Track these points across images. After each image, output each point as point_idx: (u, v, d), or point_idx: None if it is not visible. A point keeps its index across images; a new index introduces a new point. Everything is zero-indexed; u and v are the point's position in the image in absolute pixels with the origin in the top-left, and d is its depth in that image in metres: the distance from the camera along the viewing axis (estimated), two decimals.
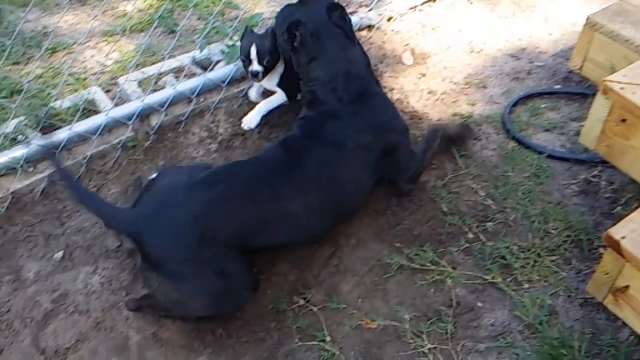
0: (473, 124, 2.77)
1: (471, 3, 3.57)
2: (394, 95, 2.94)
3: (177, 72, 2.94)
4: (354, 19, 3.21)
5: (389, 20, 3.32)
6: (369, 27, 3.27)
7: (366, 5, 3.49)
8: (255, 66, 2.53)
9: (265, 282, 2.19)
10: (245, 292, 2.04)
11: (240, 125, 2.68)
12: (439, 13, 3.45)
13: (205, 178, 2.07)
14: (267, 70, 2.57)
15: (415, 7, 3.41)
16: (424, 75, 3.09)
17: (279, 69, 2.65)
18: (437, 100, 2.94)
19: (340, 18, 2.43)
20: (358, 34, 3.20)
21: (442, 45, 3.26)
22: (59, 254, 2.28)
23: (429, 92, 2.98)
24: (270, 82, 2.67)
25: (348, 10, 3.42)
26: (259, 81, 2.61)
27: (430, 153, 2.51)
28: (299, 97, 2.59)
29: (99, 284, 2.19)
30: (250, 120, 2.64)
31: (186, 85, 2.76)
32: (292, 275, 2.22)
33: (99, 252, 2.29)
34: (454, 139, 2.64)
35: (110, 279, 2.20)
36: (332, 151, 2.16)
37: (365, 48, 3.10)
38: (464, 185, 2.51)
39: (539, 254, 2.22)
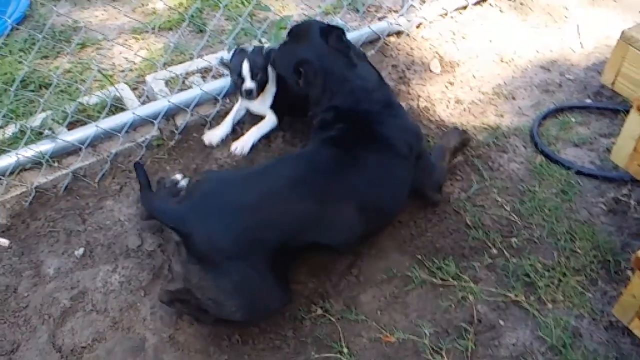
0: (501, 136, 2.72)
1: (502, 12, 3.51)
2: (421, 103, 2.91)
3: (204, 72, 2.94)
4: (383, 24, 3.18)
5: (418, 26, 3.29)
6: (398, 33, 3.24)
7: (395, 11, 3.45)
8: (249, 83, 2.49)
9: None
10: (277, 302, 2.02)
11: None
12: (469, 21, 3.41)
13: (256, 172, 2.13)
14: (260, 88, 2.53)
15: (445, 14, 3.37)
16: (451, 83, 3.05)
17: (271, 89, 2.63)
18: (464, 109, 2.90)
19: (337, 41, 2.43)
20: (387, 40, 3.18)
21: (471, 54, 3.22)
22: (80, 251, 2.28)
23: (456, 101, 2.94)
24: (263, 104, 2.65)
25: (377, 15, 3.43)
26: (253, 99, 2.57)
27: (445, 163, 2.49)
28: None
29: (118, 283, 2.19)
30: (243, 146, 2.61)
31: (213, 85, 2.76)
32: (311, 283, 2.20)
33: (119, 250, 2.29)
34: (459, 147, 2.62)
35: (129, 278, 2.20)
36: (382, 153, 2.15)
37: (393, 54, 3.09)
38: (489, 198, 2.47)
39: (564, 274, 2.18)
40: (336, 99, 2.29)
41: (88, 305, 2.12)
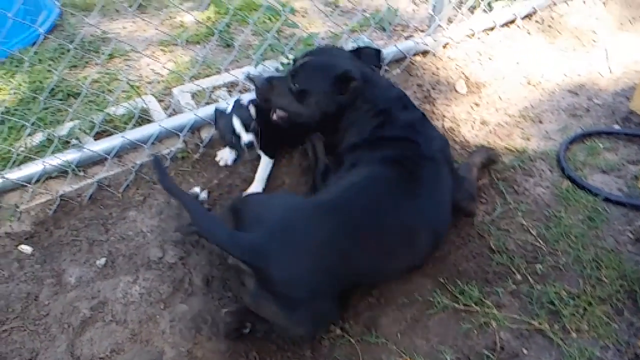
0: (527, 159, 2.69)
1: (530, 34, 3.49)
2: (446, 124, 2.89)
3: (231, 86, 2.95)
4: (409, 43, 3.18)
5: (444, 46, 3.28)
6: (424, 53, 3.23)
7: (422, 30, 3.44)
8: (246, 137, 2.41)
9: None
10: (334, 318, 2.03)
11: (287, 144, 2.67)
12: (497, 42, 3.39)
13: (329, 202, 1.97)
14: (258, 136, 2.46)
15: (472, 34, 3.35)
16: (477, 104, 3.03)
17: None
18: (489, 131, 2.87)
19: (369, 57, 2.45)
20: (413, 59, 3.17)
21: (497, 75, 3.20)
22: (102, 261, 2.28)
23: (481, 123, 2.92)
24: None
25: (404, 34, 3.42)
26: (256, 149, 2.49)
27: (473, 176, 2.49)
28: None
29: (138, 294, 2.18)
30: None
31: None
32: None
33: (140, 262, 2.29)
34: (486, 163, 2.62)
35: (150, 290, 2.20)
36: (433, 167, 2.14)
37: (419, 73, 3.09)
38: (514, 222, 2.43)
39: (589, 302, 2.13)
40: (380, 114, 2.25)
41: (108, 316, 2.12)
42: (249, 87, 2.89)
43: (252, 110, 2.48)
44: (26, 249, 2.32)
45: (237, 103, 2.50)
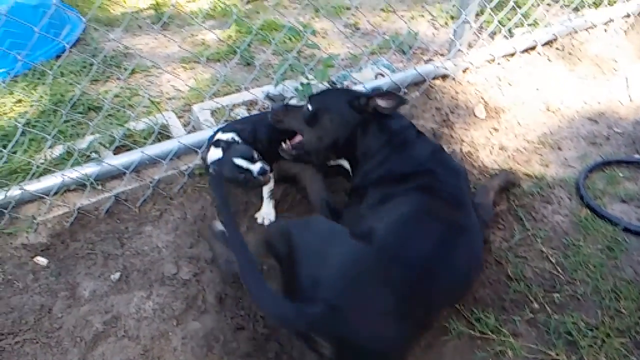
0: (545, 186, 2.67)
1: (550, 61, 3.49)
2: (464, 148, 2.88)
3: (250, 105, 2.97)
4: (429, 67, 3.18)
5: (464, 71, 3.28)
6: (444, 77, 3.23)
7: (442, 54, 3.45)
8: (256, 166, 2.22)
9: None
10: None
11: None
12: (517, 68, 3.39)
13: (387, 249, 1.80)
14: (266, 160, 2.31)
15: (492, 60, 3.36)
16: (496, 129, 3.02)
17: None
18: (508, 156, 2.86)
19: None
20: (432, 82, 3.18)
21: (517, 101, 3.19)
22: (116, 275, 2.28)
23: (500, 148, 2.91)
24: None
25: (424, 58, 3.43)
26: (270, 176, 2.30)
27: (489, 200, 2.48)
28: None
29: (151, 310, 2.18)
30: (268, 215, 2.49)
31: None
32: None
33: (154, 277, 2.28)
34: (504, 187, 2.61)
35: (163, 306, 2.19)
36: (467, 198, 2.12)
37: (438, 97, 3.09)
38: (532, 249, 2.40)
39: (607, 334, 2.09)
40: (399, 145, 2.22)
41: (120, 331, 2.11)
42: (269, 105, 2.90)
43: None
44: (42, 260, 2.32)
45: (229, 143, 2.33)
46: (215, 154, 2.28)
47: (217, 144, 2.30)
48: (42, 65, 3.42)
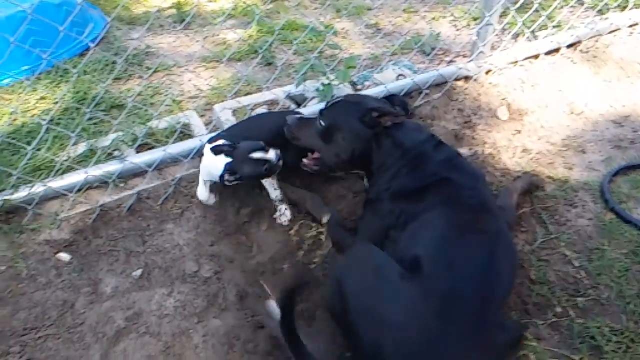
0: (569, 189, 2.64)
1: (574, 63, 3.45)
2: (486, 150, 2.85)
3: (271, 104, 2.97)
4: (451, 68, 3.16)
5: (487, 72, 3.25)
6: (466, 78, 3.21)
7: (464, 56, 3.43)
8: (273, 152, 2.28)
9: (337, 328, 2.12)
10: None
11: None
12: (540, 70, 3.35)
13: (442, 287, 1.74)
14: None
15: (516, 62, 3.33)
16: (519, 132, 2.99)
17: None
18: (531, 159, 2.83)
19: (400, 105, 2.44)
20: (454, 84, 3.16)
21: (540, 104, 3.16)
22: (138, 272, 2.29)
23: (522, 150, 2.88)
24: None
25: (445, 59, 3.42)
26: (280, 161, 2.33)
27: (512, 202, 2.47)
28: None
29: (172, 307, 2.18)
30: (285, 215, 2.47)
31: None
32: None
33: (176, 274, 2.29)
34: (527, 188, 2.58)
35: (184, 303, 2.19)
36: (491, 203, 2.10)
37: (460, 98, 3.07)
38: (555, 253, 2.37)
39: (632, 339, 2.05)
40: (411, 143, 2.21)
41: (142, 328, 2.11)
42: (289, 105, 2.90)
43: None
44: (64, 256, 2.34)
45: (226, 147, 2.31)
46: (219, 161, 2.27)
47: (217, 150, 2.30)
48: (65, 63, 3.46)
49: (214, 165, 2.29)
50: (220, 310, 2.17)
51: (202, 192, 2.47)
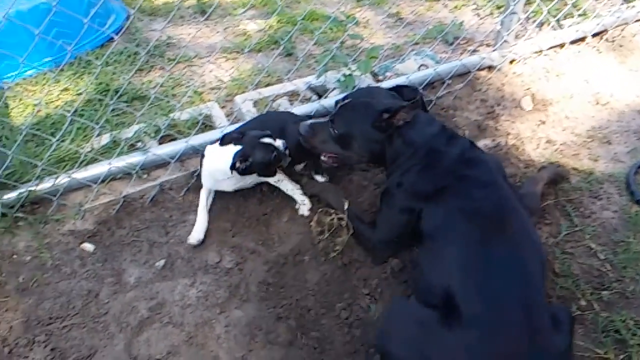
0: (594, 181, 2.60)
1: (600, 52, 3.39)
2: (509, 141, 2.82)
3: (292, 95, 2.96)
4: (474, 58, 3.12)
5: (511, 62, 3.21)
6: (490, 68, 3.17)
7: (488, 45, 3.39)
8: (280, 141, 2.31)
9: (357, 320, 2.13)
10: None
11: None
12: (565, 60, 3.30)
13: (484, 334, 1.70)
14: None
15: (540, 51, 3.28)
16: (543, 122, 2.95)
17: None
18: (555, 150, 2.79)
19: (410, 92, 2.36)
20: (477, 74, 3.12)
21: (565, 94, 3.11)
22: (161, 263, 2.31)
23: (547, 141, 2.84)
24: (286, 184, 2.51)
25: (468, 48, 3.37)
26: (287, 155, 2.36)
27: (538, 189, 2.44)
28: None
29: (195, 297, 2.20)
30: (305, 204, 2.48)
31: (300, 110, 2.76)
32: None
33: (198, 265, 2.31)
34: (553, 178, 2.55)
35: (206, 294, 2.21)
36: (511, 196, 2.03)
37: (483, 89, 3.03)
38: (580, 246, 2.35)
39: None
40: (424, 140, 2.14)
41: (165, 318, 2.14)
42: (310, 96, 2.89)
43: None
44: (88, 247, 2.37)
45: (235, 134, 2.33)
46: (227, 152, 2.26)
47: (226, 140, 2.30)
48: (88, 54, 3.48)
49: (221, 159, 2.27)
50: (242, 301, 2.19)
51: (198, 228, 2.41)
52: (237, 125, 2.60)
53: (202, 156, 2.38)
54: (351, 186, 2.61)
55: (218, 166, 2.30)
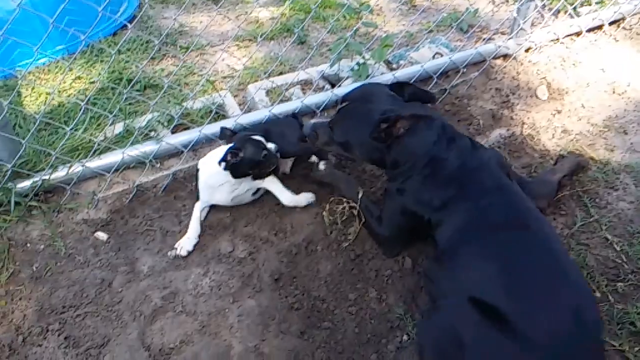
0: (610, 172, 2.57)
1: (617, 41, 3.34)
2: (525, 130, 2.79)
3: (304, 84, 2.94)
4: (490, 46, 3.09)
5: (527, 50, 3.17)
6: (505, 57, 3.13)
7: (502, 33, 3.35)
8: (273, 144, 2.33)
9: (370, 311, 2.12)
10: None
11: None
12: (582, 48, 3.26)
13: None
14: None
15: (557, 39, 3.23)
16: (559, 111, 2.92)
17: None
18: (571, 140, 2.75)
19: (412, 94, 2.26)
20: (492, 63, 3.08)
21: (581, 83, 3.06)
22: (174, 252, 2.31)
23: (562, 131, 2.80)
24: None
25: (483, 36, 3.33)
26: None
27: (555, 178, 2.42)
28: None
29: (208, 287, 2.20)
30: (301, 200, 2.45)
31: (313, 99, 2.74)
32: (398, 307, 2.13)
33: (211, 255, 2.31)
34: (575, 169, 2.52)
35: (219, 283, 2.21)
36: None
37: (498, 77, 3.00)
38: (595, 237, 2.32)
39: None
40: (426, 166, 2.07)
41: (178, 307, 2.14)
42: (324, 85, 2.87)
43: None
44: (102, 235, 2.37)
45: (227, 131, 2.42)
46: (219, 153, 2.28)
47: (221, 136, 2.37)
48: (100, 42, 3.47)
49: (214, 161, 2.27)
50: (255, 290, 2.18)
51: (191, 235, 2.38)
52: (249, 115, 2.60)
53: (197, 170, 2.39)
54: (364, 175, 2.60)
55: (212, 170, 2.29)
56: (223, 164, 2.24)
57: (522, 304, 1.66)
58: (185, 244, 2.32)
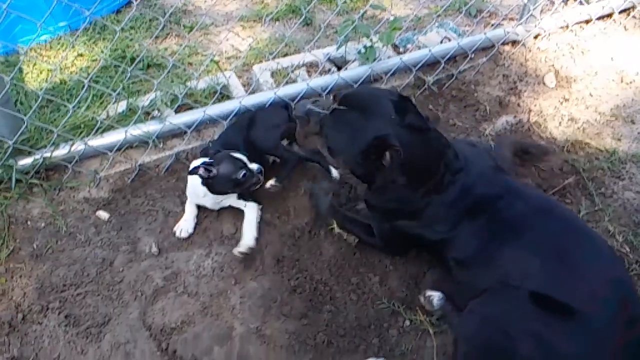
0: (616, 161, 2.55)
1: (627, 30, 3.30)
2: (531, 118, 2.76)
3: (310, 67, 2.91)
4: (499, 32, 3.04)
5: (535, 37, 3.13)
6: (513, 42, 3.09)
7: (512, 19, 3.31)
8: (256, 165, 2.23)
9: (372, 295, 2.11)
10: None
11: None
12: (591, 36, 3.22)
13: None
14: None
15: (566, 27, 3.19)
16: (566, 100, 2.89)
17: None
18: (578, 128, 2.73)
19: (415, 117, 1.94)
20: (501, 49, 3.05)
21: (589, 71, 3.03)
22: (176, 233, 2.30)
23: (569, 119, 2.78)
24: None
25: (492, 22, 3.29)
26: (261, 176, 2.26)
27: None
28: None
29: (210, 268, 2.19)
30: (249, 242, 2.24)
31: (319, 81, 2.70)
32: (400, 292, 2.12)
33: (213, 236, 2.29)
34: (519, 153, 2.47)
35: (222, 265, 2.19)
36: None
37: (506, 64, 2.96)
38: (600, 226, 2.31)
39: None
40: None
41: (180, 287, 2.13)
42: (330, 68, 2.84)
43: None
44: (103, 215, 2.36)
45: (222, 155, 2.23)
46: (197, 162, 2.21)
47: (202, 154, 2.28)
48: (104, 19, 3.43)
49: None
50: (257, 273, 2.18)
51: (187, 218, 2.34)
52: (254, 96, 2.57)
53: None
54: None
55: (195, 181, 2.21)
56: (199, 178, 2.16)
57: (570, 285, 1.67)
58: (184, 226, 2.30)
